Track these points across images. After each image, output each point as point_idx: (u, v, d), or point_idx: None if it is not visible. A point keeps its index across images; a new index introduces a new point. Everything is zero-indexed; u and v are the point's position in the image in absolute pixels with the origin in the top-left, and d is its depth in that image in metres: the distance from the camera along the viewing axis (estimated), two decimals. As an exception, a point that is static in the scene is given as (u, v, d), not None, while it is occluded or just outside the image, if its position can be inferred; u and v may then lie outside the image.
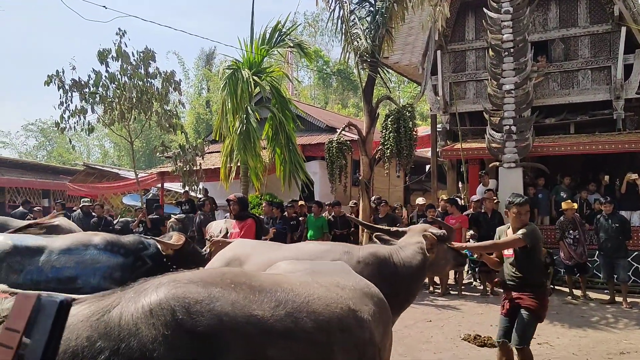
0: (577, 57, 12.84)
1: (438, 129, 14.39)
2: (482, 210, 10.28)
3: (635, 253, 10.12)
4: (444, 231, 4.43)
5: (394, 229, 4.84)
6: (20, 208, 13.76)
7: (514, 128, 11.27)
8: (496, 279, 5.17)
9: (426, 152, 16.40)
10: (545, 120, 12.93)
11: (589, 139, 11.91)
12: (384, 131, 10.64)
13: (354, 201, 11.82)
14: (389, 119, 10.47)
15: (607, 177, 11.81)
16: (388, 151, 10.32)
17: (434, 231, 4.36)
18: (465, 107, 13.75)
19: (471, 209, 10.56)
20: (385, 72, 13.12)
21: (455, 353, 6.04)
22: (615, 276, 9.12)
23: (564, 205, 9.79)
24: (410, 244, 4.28)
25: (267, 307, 2.18)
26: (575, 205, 9.96)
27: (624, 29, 11.91)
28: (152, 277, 2.15)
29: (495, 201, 10.45)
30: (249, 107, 12.48)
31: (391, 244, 4.40)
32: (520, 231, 4.45)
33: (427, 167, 18.25)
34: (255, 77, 12.64)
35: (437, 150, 14.08)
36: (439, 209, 10.72)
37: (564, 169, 12.61)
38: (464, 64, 13.95)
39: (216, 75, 25.00)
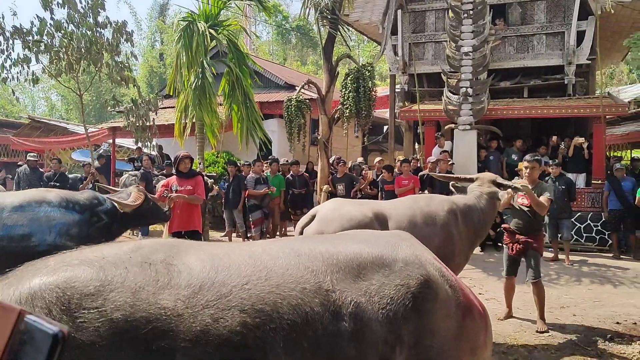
0: (533, 22, 13.02)
1: (397, 90, 14.43)
2: (438, 172, 10.48)
3: (578, 214, 10.62)
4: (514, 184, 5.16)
5: (465, 176, 5.52)
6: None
7: (470, 90, 11.42)
8: (505, 225, 5.86)
9: (384, 112, 16.46)
10: (500, 84, 13.17)
11: (541, 103, 12.22)
12: (343, 90, 10.59)
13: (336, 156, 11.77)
14: (349, 78, 10.41)
15: (555, 138, 12.19)
16: (347, 111, 10.31)
17: (507, 184, 5.10)
18: (423, 69, 13.80)
19: (427, 170, 10.75)
20: (346, 30, 12.97)
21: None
22: (560, 235, 9.57)
23: (520, 166, 10.09)
24: (485, 193, 5.02)
25: (182, 295, 1.62)
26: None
27: (579, -4, 12.12)
28: (46, 256, 1.73)
29: (450, 162, 10.66)
30: (204, 61, 12.10)
31: (465, 192, 5.10)
32: (548, 195, 5.36)
33: (385, 127, 18.38)
34: (211, 30, 12.22)
35: (395, 111, 14.16)
36: (396, 170, 10.87)
37: (516, 132, 12.95)
38: (423, 24, 13.92)
39: (170, 27, 24.09)
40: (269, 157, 12.00)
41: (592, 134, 11.77)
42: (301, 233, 4.58)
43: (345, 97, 10.37)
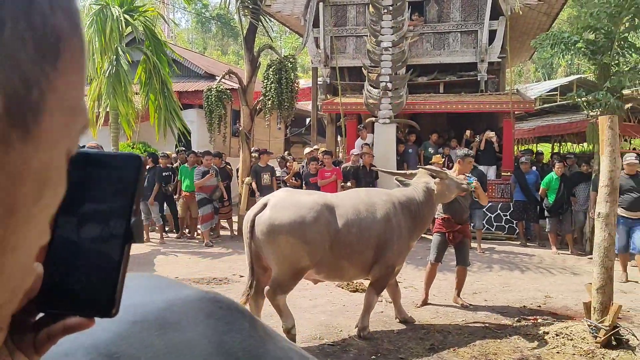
0: (449, 20, 13.52)
1: (319, 82, 14.50)
2: (361, 164, 10.64)
3: (489, 204, 11.21)
4: (437, 170, 5.56)
5: (409, 172, 5.85)
6: None
7: (390, 85, 11.69)
8: (445, 216, 6.15)
9: (307, 105, 16.52)
10: (418, 79, 13.58)
11: (456, 99, 12.74)
12: (265, 81, 10.49)
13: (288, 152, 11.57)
14: (271, 69, 10.33)
15: (469, 133, 12.77)
16: (269, 102, 10.23)
17: (431, 173, 5.47)
18: (345, 62, 13.96)
19: (349, 162, 10.88)
20: (267, 20, 12.83)
21: (330, 299, 6.32)
22: (472, 224, 10.04)
23: (433, 159, 10.47)
24: (420, 184, 5.32)
25: None
26: (442, 160, 10.71)
27: (490, -4, 12.72)
28: None
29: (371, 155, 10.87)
30: (119, 48, 11.58)
31: (408, 186, 5.39)
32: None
33: (308, 120, 18.45)
34: (126, 16, 11.71)
35: (318, 103, 14.24)
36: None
37: (433, 126, 13.44)
38: (345, 18, 14.07)
39: (82, 10, 22.75)
40: (190, 150, 11.68)
41: (502, 128, 12.43)
42: (253, 222, 4.62)
43: (267, 89, 10.29)
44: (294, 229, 4.50)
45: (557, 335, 5.04)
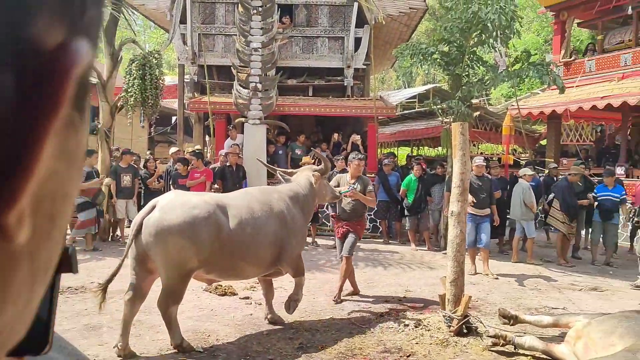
0: (318, 25, 13.86)
1: (186, 80, 14.05)
2: (228, 164, 10.48)
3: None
4: (322, 167, 5.73)
5: (290, 170, 6.12)
6: None
7: (259, 86, 11.67)
8: (333, 214, 6.72)
9: (173, 102, 15.92)
10: (288, 81, 13.73)
11: (324, 102, 13.09)
12: (127, 77, 9.92)
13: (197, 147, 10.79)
14: (134, 65, 9.79)
15: (336, 135, 13.18)
16: (132, 99, 9.68)
17: (316, 168, 5.74)
18: (214, 60, 13.68)
19: (218, 163, 10.66)
20: (131, 13, 12.13)
21: (197, 304, 6.11)
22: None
23: (304, 159, 10.62)
24: (303, 179, 5.58)
25: None
26: (312, 161, 10.90)
27: (356, 5, 13.24)
28: None
29: (239, 156, 10.75)
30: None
31: (289, 181, 5.66)
32: (370, 187, 6.50)
33: (174, 118, 17.78)
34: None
35: (185, 101, 13.78)
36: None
37: (302, 128, 13.66)
38: (213, 16, 13.79)
39: None
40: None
41: (367, 132, 13.01)
42: (140, 225, 4.46)
43: (130, 85, 9.73)
44: (184, 230, 4.42)
45: (416, 326, 5.36)
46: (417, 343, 4.98)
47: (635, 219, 9.09)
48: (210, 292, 6.54)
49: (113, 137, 10.79)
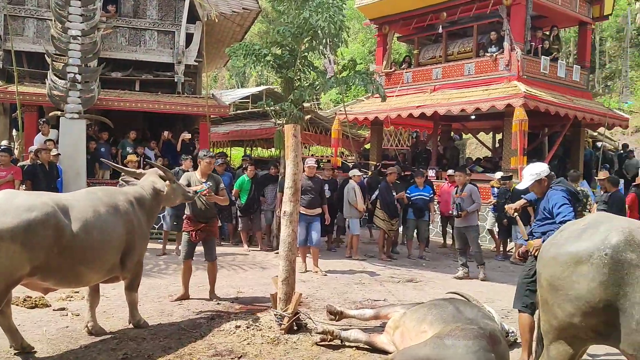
0: (146, 17, 13.15)
1: (-11, 66, 12.32)
2: (39, 162, 9.38)
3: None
4: (169, 172, 5.62)
5: (139, 171, 5.92)
6: None
7: (79, 77, 10.69)
8: (189, 215, 6.49)
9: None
10: (112, 74, 12.81)
11: (153, 98, 12.46)
12: None
13: None
14: None
15: (167, 133, 12.62)
16: None
17: (162, 174, 5.54)
18: (23, 46, 12.23)
19: (28, 160, 9.49)
20: None
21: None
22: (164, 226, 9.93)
23: (128, 158, 9.97)
24: (148, 183, 5.40)
25: None
26: (137, 159, 10.29)
27: (187, 0, 12.85)
28: None
29: (55, 153, 9.72)
30: None
31: (134, 185, 5.45)
32: (222, 185, 6.61)
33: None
34: None
35: (-13, 90, 12.06)
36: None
37: (128, 124, 12.83)
38: (24, -4, 12.31)
39: None
40: None
41: (199, 131, 12.68)
42: None
43: None
44: (17, 234, 3.87)
45: (247, 327, 5.31)
46: (248, 344, 4.94)
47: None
48: (18, 305, 5.76)
49: None
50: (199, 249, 6.70)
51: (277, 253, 6.88)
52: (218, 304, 6.34)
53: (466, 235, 8.75)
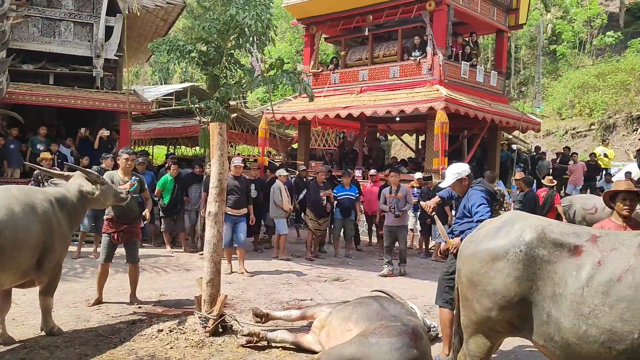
0: (61, 7, 12.47)
1: None
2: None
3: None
4: (95, 175, 5.39)
5: (65, 173, 5.54)
6: None
7: (-15, 68, 9.95)
8: (111, 216, 6.17)
9: None
10: (23, 66, 12.03)
11: (69, 93, 11.83)
12: None
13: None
14: None
15: (84, 130, 12.03)
16: None
17: (89, 178, 5.30)
18: None
19: None
20: None
21: None
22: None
23: (42, 155, 9.37)
24: (74, 186, 5.17)
25: None
26: (51, 157, 9.71)
27: (107, -10, 12.31)
28: None
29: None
30: None
31: (59, 186, 5.21)
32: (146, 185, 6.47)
33: None
34: None
35: None
36: None
37: (41, 120, 12.10)
38: None
39: None
40: None
41: (119, 128, 12.17)
42: None
43: None
44: None
45: (170, 331, 5.14)
46: (171, 348, 4.78)
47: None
48: None
49: None
50: (120, 250, 6.42)
51: (202, 254, 6.71)
52: (139, 307, 6.10)
53: (397, 234, 9.07)
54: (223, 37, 9.54)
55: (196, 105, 10.54)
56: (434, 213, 5.31)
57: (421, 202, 5.67)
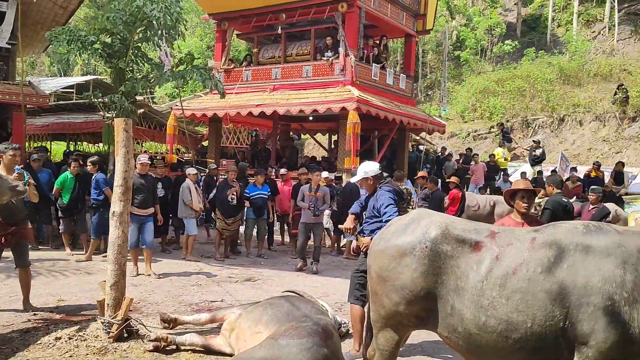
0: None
1: None
2: None
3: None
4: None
5: None
6: None
7: None
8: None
9: None
10: None
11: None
12: None
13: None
14: None
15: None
16: None
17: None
18: None
19: None
20: None
21: None
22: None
23: None
24: None
25: None
26: None
27: (-2, -27, 11.35)
28: None
29: None
30: None
31: None
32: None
33: None
34: None
35: None
36: None
37: None
38: None
39: None
40: None
41: (12, 122, 11.30)
42: None
43: None
44: None
45: (70, 338, 4.84)
46: (70, 356, 4.50)
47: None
48: None
49: None
50: (8, 254, 5.94)
51: (105, 257, 6.37)
52: (35, 314, 5.67)
53: (313, 229, 9.29)
54: (129, 29, 9.14)
55: (100, 100, 10.02)
56: (356, 232, 5.38)
57: (339, 226, 5.84)
